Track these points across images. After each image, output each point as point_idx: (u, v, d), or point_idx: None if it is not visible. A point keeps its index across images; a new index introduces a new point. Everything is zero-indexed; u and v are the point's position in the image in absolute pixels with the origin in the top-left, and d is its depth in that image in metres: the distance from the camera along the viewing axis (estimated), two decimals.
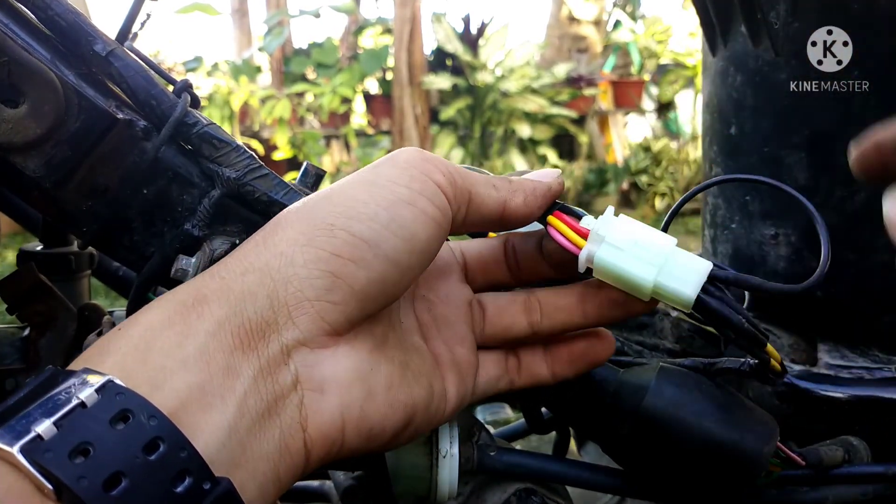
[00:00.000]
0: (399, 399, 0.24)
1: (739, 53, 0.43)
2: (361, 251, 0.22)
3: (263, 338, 0.21)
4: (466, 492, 0.35)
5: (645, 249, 0.25)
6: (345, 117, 4.67)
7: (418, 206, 0.23)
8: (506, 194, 0.25)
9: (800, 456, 0.32)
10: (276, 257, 0.22)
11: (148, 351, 0.20)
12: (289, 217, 0.24)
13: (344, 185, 0.24)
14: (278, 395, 0.21)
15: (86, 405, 0.18)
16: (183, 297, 0.21)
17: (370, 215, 0.22)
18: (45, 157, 0.29)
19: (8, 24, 0.29)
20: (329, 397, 0.22)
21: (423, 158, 0.24)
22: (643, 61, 5.32)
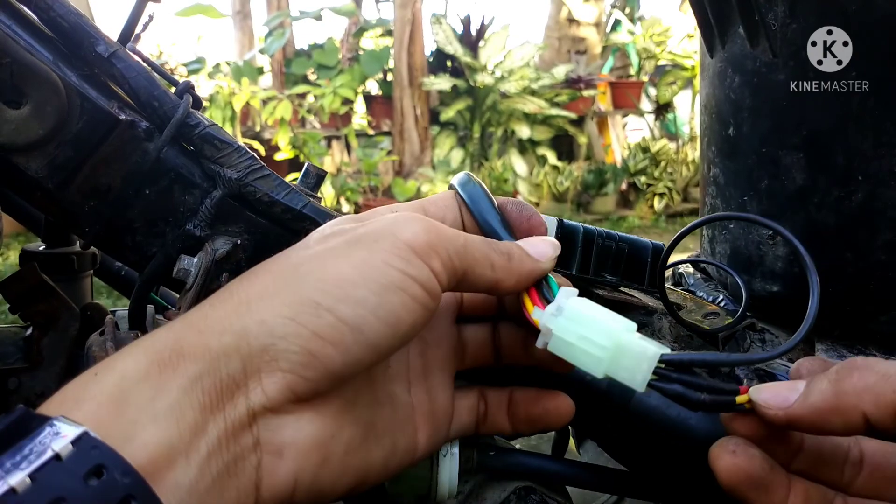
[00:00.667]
0: (353, 464, 0.24)
1: (737, 55, 0.44)
2: (343, 335, 0.22)
3: (232, 399, 0.21)
4: (466, 490, 0.35)
5: (593, 344, 0.25)
6: (346, 118, 4.67)
7: (408, 293, 0.23)
8: (501, 275, 0.25)
9: None
10: (257, 324, 0.22)
11: (122, 402, 0.20)
12: (275, 281, 0.23)
13: (337, 256, 0.23)
14: (238, 456, 0.21)
15: (60, 458, 0.18)
16: (160, 348, 0.21)
17: (358, 299, 0.22)
18: (48, 158, 0.29)
19: (10, 25, 0.29)
20: (286, 461, 0.22)
21: (426, 242, 0.23)
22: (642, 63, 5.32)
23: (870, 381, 0.22)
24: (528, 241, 0.27)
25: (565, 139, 5.11)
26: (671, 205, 4.63)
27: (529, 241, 0.27)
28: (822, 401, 0.23)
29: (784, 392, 0.23)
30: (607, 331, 0.25)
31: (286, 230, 0.33)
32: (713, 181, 0.47)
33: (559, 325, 0.25)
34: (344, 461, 0.24)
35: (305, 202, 0.33)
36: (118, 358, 0.21)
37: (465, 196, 0.29)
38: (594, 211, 4.64)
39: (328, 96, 4.34)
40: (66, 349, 0.37)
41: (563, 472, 0.35)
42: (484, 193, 0.29)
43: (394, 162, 4.72)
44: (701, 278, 0.52)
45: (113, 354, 0.22)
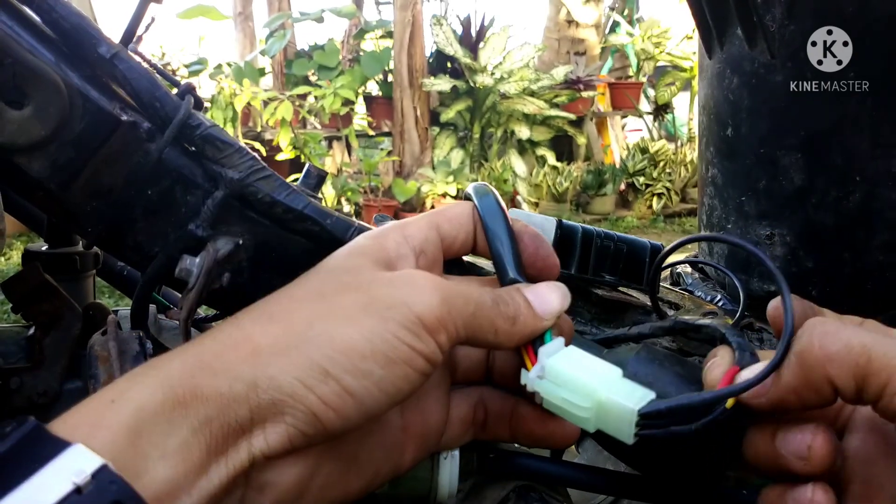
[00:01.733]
0: (329, 496, 0.25)
1: (735, 56, 0.44)
2: (346, 404, 0.23)
3: (236, 443, 0.22)
4: (466, 488, 0.35)
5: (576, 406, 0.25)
6: (346, 119, 4.67)
7: (412, 366, 0.23)
8: (502, 339, 0.26)
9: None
10: (267, 379, 0.22)
11: (137, 435, 0.20)
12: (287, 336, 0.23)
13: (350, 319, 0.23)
14: (228, 492, 0.22)
15: (81, 491, 0.18)
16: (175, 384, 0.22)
17: (364, 372, 0.23)
18: (50, 159, 0.30)
19: (12, 26, 0.29)
20: (265, 497, 0.23)
21: (437, 318, 0.24)
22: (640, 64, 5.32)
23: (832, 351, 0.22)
24: (537, 293, 0.27)
25: (564, 140, 5.11)
26: (669, 205, 4.63)
27: (539, 293, 0.27)
28: (793, 378, 0.23)
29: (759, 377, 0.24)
30: (586, 391, 0.25)
31: (287, 230, 0.33)
32: (711, 182, 0.48)
33: (544, 389, 0.26)
34: (320, 495, 0.25)
35: (306, 202, 0.33)
36: (133, 386, 0.22)
37: (481, 213, 0.29)
38: (593, 211, 4.65)
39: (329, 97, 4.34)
40: (69, 349, 0.37)
41: (562, 474, 0.35)
42: (500, 211, 0.29)
43: (394, 162, 4.72)
44: (699, 278, 0.52)
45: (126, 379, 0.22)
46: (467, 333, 0.25)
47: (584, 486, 0.35)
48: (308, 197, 0.33)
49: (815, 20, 0.39)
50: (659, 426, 0.24)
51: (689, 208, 4.59)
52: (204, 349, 0.23)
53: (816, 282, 0.42)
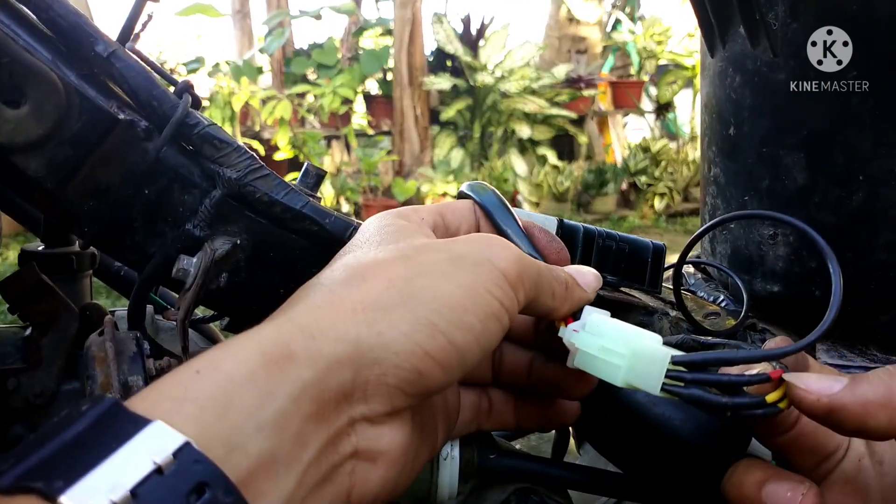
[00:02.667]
0: (416, 467, 0.25)
1: (738, 54, 0.44)
2: (451, 358, 0.22)
3: (337, 408, 0.21)
4: (466, 490, 0.35)
5: (612, 353, 0.25)
6: (345, 118, 4.67)
7: (501, 322, 0.24)
8: (558, 304, 0.26)
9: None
10: (375, 336, 0.22)
11: (227, 406, 0.19)
12: (389, 292, 0.23)
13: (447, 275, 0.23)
14: (336, 464, 0.21)
15: (162, 471, 0.17)
16: (269, 349, 0.20)
17: (469, 326, 0.23)
18: (47, 158, 0.29)
19: (9, 24, 0.29)
20: (378, 469, 0.22)
21: (517, 273, 0.24)
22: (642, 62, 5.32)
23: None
24: (576, 270, 0.28)
25: (566, 139, 5.10)
26: (672, 205, 4.63)
27: (577, 271, 0.28)
28: (872, 392, 0.22)
29: (826, 381, 0.23)
30: (625, 338, 0.25)
31: (286, 230, 0.33)
32: (714, 181, 0.47)
33: (583, 340, 0.26)
34: (415, 465, 0.24)
35: (305, 202, 0.32)
36: (222, 356, 0.20)
37: (488, 208, 0.29)
38: (594, 211, 4.64)
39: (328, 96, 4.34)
40: (66, 349, 0.37)
41: (561, 475, 0.35)
42: (505, 206, 0.30)
43: (394, 162, 4.72)
44: (701, 278, 0.52)
45: (216, 350, 0.21)
46: (535, 293, 0.25)
47: (586, 488, 0.35)
48: (307, 196, 0.33)
49: (818, 19, 0.39)
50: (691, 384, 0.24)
51: (691, 208, 4.58)
52: (297, 313, 0.22)
53: (819, 282, 0.42)
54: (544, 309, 0.26)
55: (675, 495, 0.33)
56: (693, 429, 0.30)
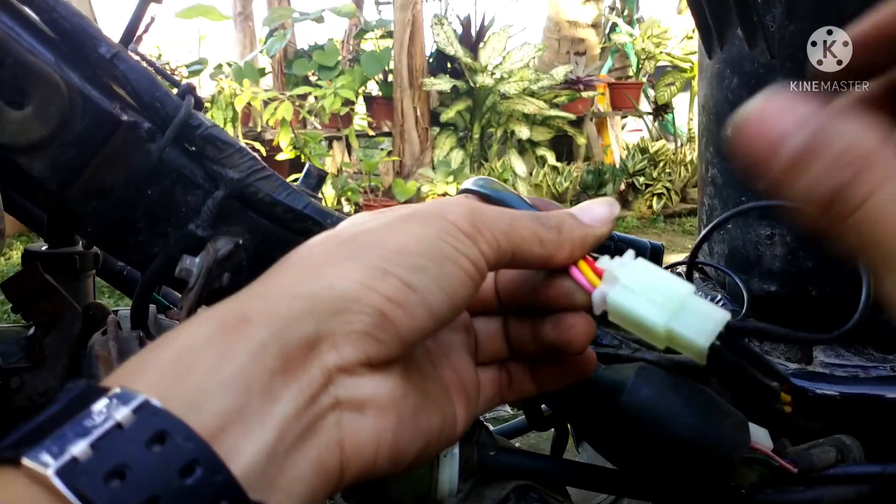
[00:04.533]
0: (421, 426, 0.24)
1: (735, 56, 0.44)
2: (410, 299, 0.22)
3: (304, 362, 0.21)
4: (466, 488, 0.35)
5: (659, 293, 0.24)
6: (346, 119, 4.67)
7: (461, 266, 0.23)
8: (552, 250, 0.25)
9: (792, 463, 0.33)
10: (327, 289, 0.22)
11: (187, 370, 0.19)
12: (337, 250, 0.23)
13: (393, 230, 0.24)
14: (318, 415, 0.21)
15: (122, 426, 0.17)
16: (225, 316, 0.21)
17: (421, 267, 0.23)
18: (51, 159, 0.30)
19: (13, 26, 0.29)
20: (367, 419, 0.22)
21: (471, 223, 0.24)
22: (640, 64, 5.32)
23: None
24: (581, 208, 0.27)
25: (564, 140, 5.10)
26: (669, 205, 4.63)
27: (583, 207, 0.27)
28: None
29: None
30: (673, 287, 0.24)
31: (288, 230, 0.33)
32: (711, 181, 0.48)
33: (627, 274, 0.25)
34: (414, 422, 0.24)
35: (307, 202, 0.33)
36: (181, 329, 0.21)
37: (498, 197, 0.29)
38: None
39: (329, 97, 4.34)
40: (69, 348, 0.37)
41: (561, 471, 0.35)
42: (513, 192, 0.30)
43: (394, 162, 4.72)
44: (699, 278, 0.52)
45: (177, 326, 0.21)
46: (509, 245, 0.25)
47: (585, 485, 0.35)
48: (308, 197, 0.33)
49: (815, 20, 0.39)
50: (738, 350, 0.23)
51: (689, 208, 4.58)
52: (253, 286, 0.23)
53: (816, 282, 0.42)
54: (536, 258, 0.25)
55: (673, 493, 0.33)
56: (694, 428, 0.30)
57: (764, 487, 0.33)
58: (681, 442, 0.30)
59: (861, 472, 0.34)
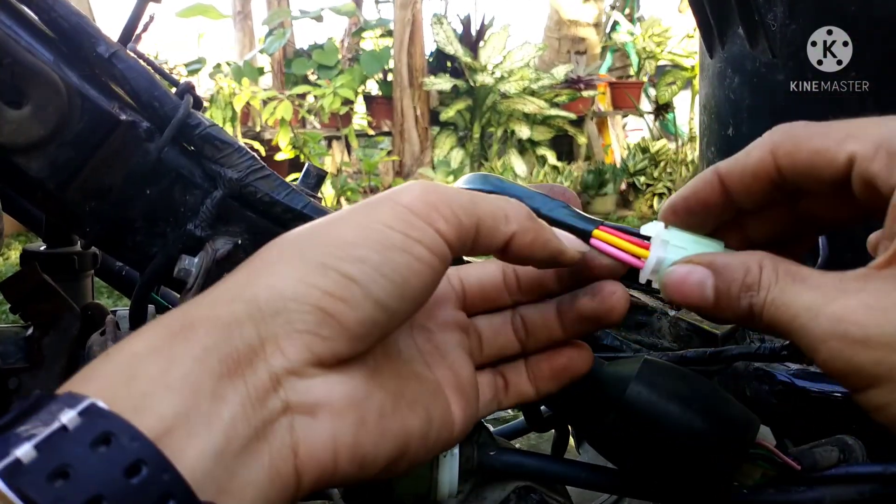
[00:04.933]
0: (391, 428, 0.24)
1: (737, 55, 0.44)
2: (351, 291, 0.22)
3: (251, 365, 0.21)
4: (466, 489, 0.35)
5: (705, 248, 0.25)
6: (346, 118, 4.67)
7: (413, 253, 0.23)
8: (515, 227, 0.25)
9: (795, 459, 0.32)
10: (266, 289, 0.22)
11: (132, 377, 0.19)
12: (278, 254, 0.23)
13: (337, 223, 0.23)
14: (267, 420, 0.21)
15: (67, 428, 0.17)
16: (170, 323, 0.21)
17: (360, 257, 0.22)
18: (49, 158, 0.29)
19: (11, 25, 0.29)
20: (321, 422, 0.22)
21: (425, 202, 0.23)
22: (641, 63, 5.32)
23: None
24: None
25: (565, 139, 5.11)
26: None
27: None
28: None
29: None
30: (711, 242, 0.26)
31: (287, 230, 0.33)
32: None
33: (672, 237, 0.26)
34: (381, 424, 0.23)
35: (306, 202, 0.33)
36: (128, 340, 0.21)
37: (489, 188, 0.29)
38: (594, 211, 4.64)
39: (328, 96, 4.34)
40: (67, 349, 0.37)
41: (562, 471, 0.35)
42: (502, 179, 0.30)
43: (394, 162, 4.72)
44: None
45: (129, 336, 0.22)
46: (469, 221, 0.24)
47: (586, 485, 0.35)
48: (307, 196, 0.33)
49: (817, 20, 0.39)
50: None
51: None
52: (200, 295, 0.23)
53: None
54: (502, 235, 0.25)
55: (675, 493, 0.33)
56: (705, 411, 0.29)
57: (766, 487, 0.33)
58: (691, 429, 0.29)
59: (862, 472, 0.34)
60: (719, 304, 0.24)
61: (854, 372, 0.21)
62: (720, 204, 0.26)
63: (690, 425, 0.29)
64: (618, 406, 0.30)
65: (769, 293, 0.23)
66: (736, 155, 0.26)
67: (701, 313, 0.25)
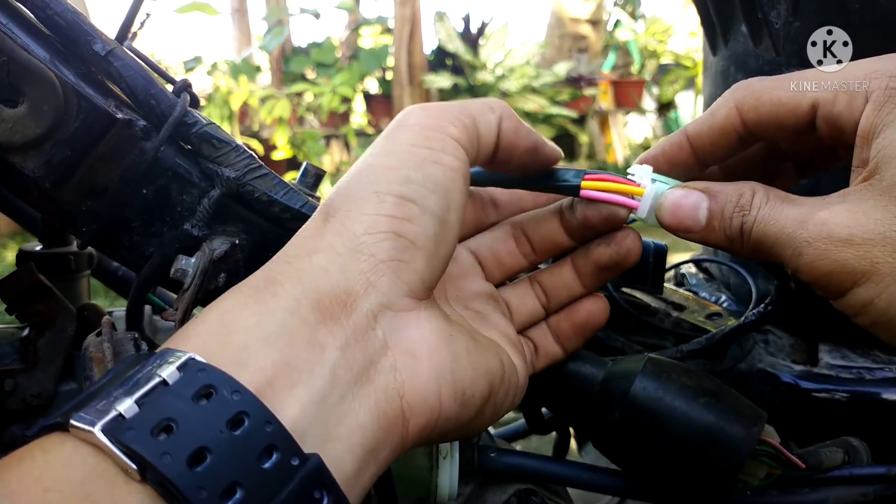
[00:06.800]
0: (479, 365, 0.24)
1: (740, 53, 0.43)
2: (410, 210, 0.23)
3: (345, 307, 0.21)
4: (467, 492, 0.34)
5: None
6: (344, 117, 4.66)
7: (442, 163, 0.24)
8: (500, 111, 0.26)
9: (800, 458, 0.32)
10: (337, 235, 0.22)
11: (228, 332, 0.20)
12: (333, 203, 0.24)
13: (369, 160, 0.25)
14: (369, 361, 0.21)
15: (167, 383, 0.18)
16: (254, 283, 0.22)
17: (405, 178, 0.23)
18: (45, 157, 0.29)
19: (7, 23, 0.29)
20: (422, 361, 0.22)
21: (430, 114, 0.25)
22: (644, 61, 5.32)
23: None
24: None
25: (567, 138, 5.10)
26: None
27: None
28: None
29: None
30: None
31: (285, 230, 0.32)
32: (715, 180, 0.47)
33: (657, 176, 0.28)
34: (471, 360, 0.24)
35: (304, 201, 0.32)
36: (216, 302, 0.21)
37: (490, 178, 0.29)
38: None
39: (327, 95, 4.33)
40: (63, 350, 0.37)
41: (564, 473, 0.35)
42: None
43: None
44: (703, 279, 0.52)
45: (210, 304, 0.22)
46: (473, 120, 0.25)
47: (588, 486, 0.35)
48: (306, 196, 0.33)
49: (820, 17, 0.39)
50: None
51: None
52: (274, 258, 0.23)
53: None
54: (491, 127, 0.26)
55: (678, 494, 0.32)
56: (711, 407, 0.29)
57: (769, 489, 0.33)
58: (698, 424, 0.29)
59: (866, 473, 0.34)
60: (711, 224, 0.26)
61: (839, 269, 0.23)
62: (688, 163, 0.29)
63: (696, 421, 0.29)
64: (622, 404, 0.30)
65: (760, 211, 0.25)
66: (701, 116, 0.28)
67: (690, 237, 0.27)
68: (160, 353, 0.19)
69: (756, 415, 0.30)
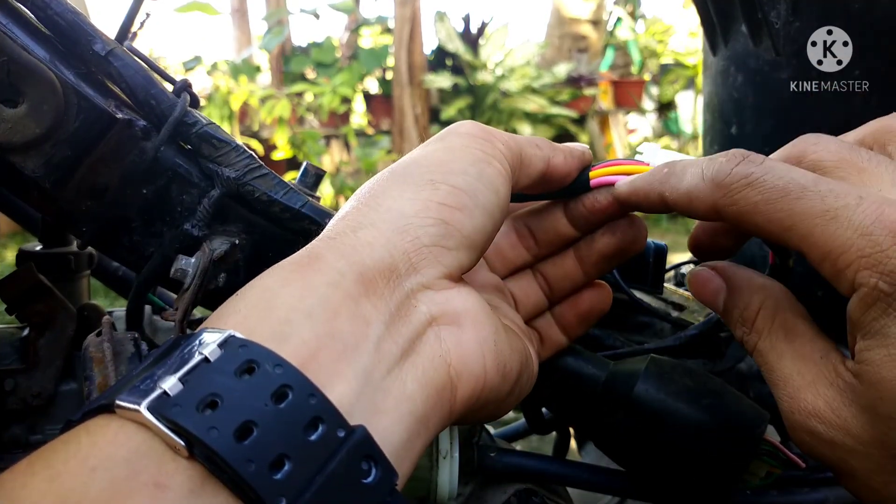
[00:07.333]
0: (514, 344, 0.25)
1: (740, 53, 0.43)
2: (463, 201, 0.23)
3: (388, 284, 0.21)
4: (467, 492, 0.34)
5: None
6: (344, 117, 4.66)
7: (495, 166, 0.25)
8: (548, 152, 0.27)
9: (800, 458, 0.32)
10: (386, 212, 0.23)
11: (270, 308, 0.19)
12: (386, 183, 0.24)
13: (423, 152, 0.25)
14: (415, 333, 0.21)
15: (209, 360, 0.18)
16: (297, 259, 0.21)
17: (461, 170, 0.24)
18: (45, 157, 0.29)
19: (7, 23, 0.29)
20: (466, 330, 0.22)
21: (481, 128, 0.26)
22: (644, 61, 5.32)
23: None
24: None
25: (567, 138, 5.10)
26: None
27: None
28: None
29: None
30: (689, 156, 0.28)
31: (285, 229, 0.32)
32: None
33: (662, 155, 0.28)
34: (507, 337, 0.24)
35: (304, 201, 0.32)
36: (258, 279, 0.21)
37: None
38: None
39: (327, 95, 4.33)
40: (63, 350, 0.37)
41: (564, 472, 0.35)
42: None
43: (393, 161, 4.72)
44: None
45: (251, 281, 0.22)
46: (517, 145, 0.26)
47: (589, 486, 0.35)
48: (306, 195, 0.33)
49: (820, 17, 0.39)
50: None
51: None
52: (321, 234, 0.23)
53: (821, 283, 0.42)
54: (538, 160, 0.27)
55: (679, 493, 0.32)
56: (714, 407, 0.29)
57: (769, 489, 0.33)
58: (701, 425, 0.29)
59: None
60: (727, 319, 0.26)
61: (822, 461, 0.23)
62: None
63: (699, 421, 0.29)
64: (625, 405, 0.30)
65: (760, 340, 0.25)
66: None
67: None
68: (198, 333, 0.19)
69: (759, 416, 0.30)
